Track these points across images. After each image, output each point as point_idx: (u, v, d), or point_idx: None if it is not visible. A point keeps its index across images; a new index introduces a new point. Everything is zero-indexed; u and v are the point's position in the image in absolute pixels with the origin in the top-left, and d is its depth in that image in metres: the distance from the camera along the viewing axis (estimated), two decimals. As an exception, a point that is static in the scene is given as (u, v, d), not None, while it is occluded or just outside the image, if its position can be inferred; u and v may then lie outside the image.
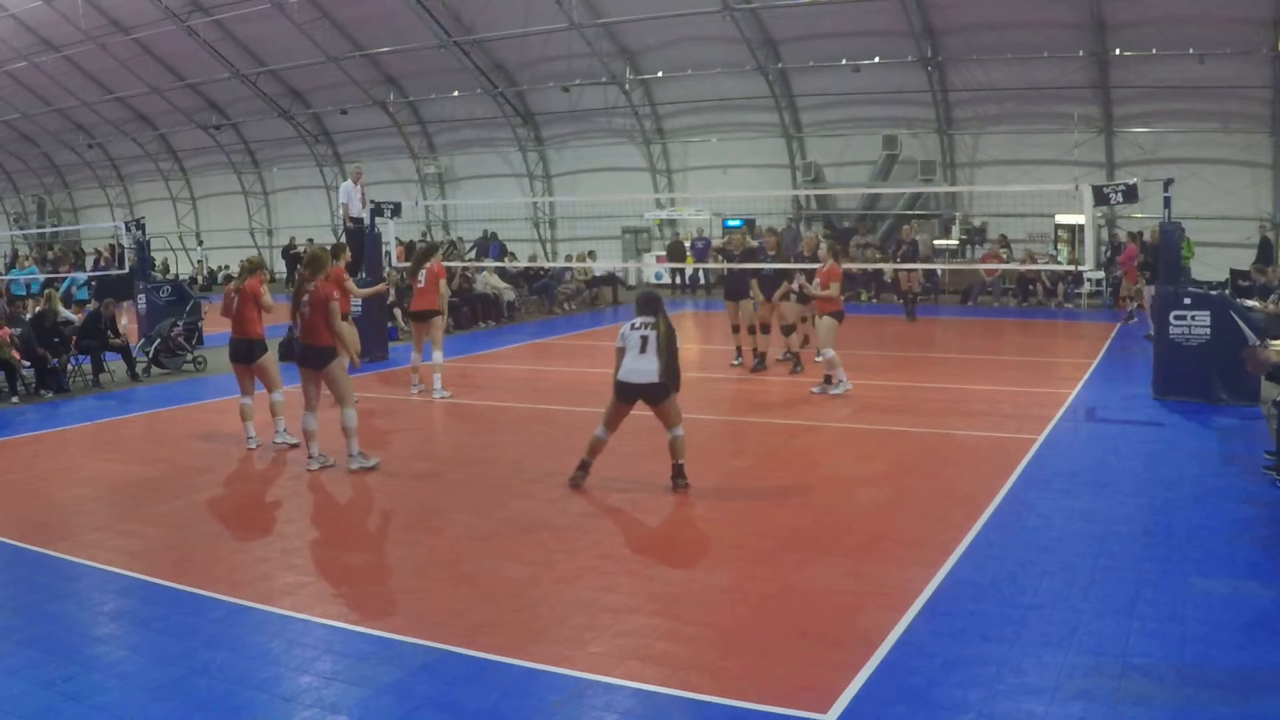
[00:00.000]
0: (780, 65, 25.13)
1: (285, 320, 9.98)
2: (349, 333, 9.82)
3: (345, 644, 5.15)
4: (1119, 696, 4.42)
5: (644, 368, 7.58)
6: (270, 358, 9.68)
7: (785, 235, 24.15)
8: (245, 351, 9.53)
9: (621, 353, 7.69)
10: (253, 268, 9.77)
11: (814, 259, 13.96)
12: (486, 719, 4.38)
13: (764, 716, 4.31)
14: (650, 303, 7.82)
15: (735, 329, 14.15)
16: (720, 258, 14.49)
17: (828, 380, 11.79)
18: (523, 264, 23.97)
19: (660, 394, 7.60)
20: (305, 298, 8.57)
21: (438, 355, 12.30)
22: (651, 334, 7.61)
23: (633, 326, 7.73)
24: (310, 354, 8.62)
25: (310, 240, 31.33)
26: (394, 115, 30.43)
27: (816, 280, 11.93)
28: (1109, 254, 21.63)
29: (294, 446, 9.52)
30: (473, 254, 27.52)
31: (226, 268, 33.71)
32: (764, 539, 6.66)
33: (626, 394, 7.65)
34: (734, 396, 12.37)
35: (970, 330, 19.08)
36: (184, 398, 12.58)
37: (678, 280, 27.16)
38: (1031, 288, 22.37)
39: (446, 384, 12.26)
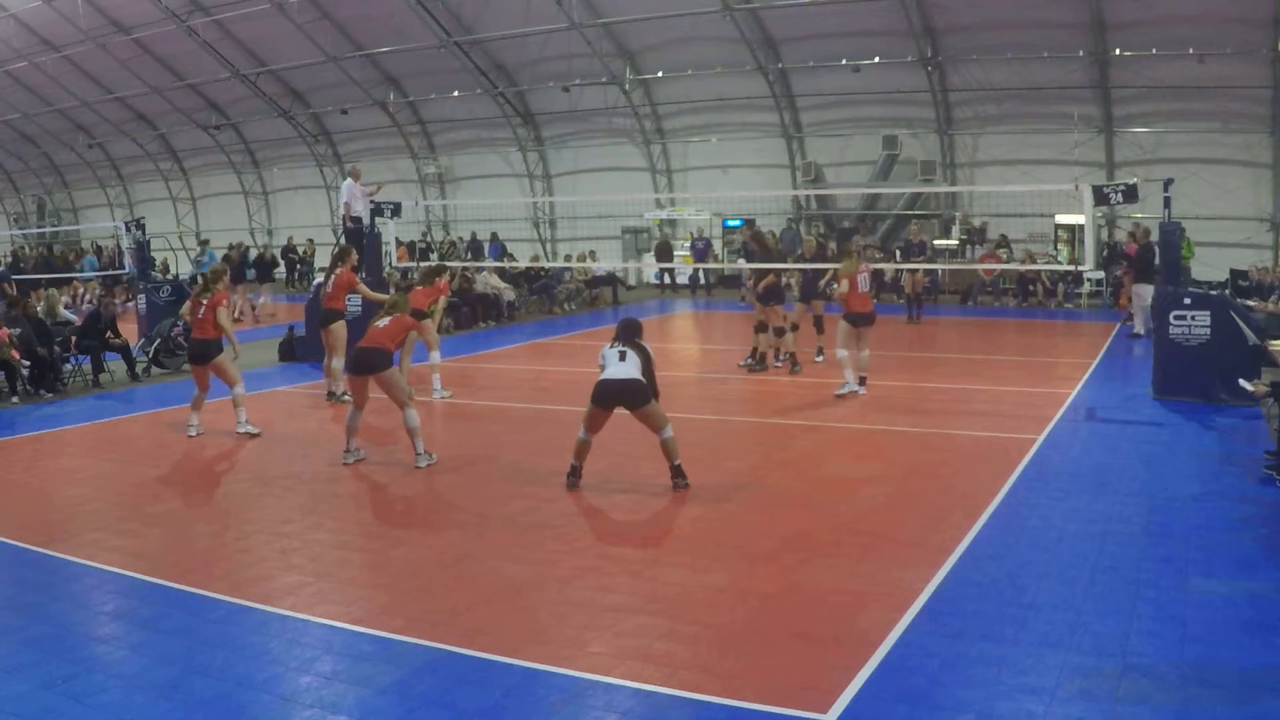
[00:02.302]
0: (780, 65, 25.14)
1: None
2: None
3: (345, 644, 5.15)
4: (1119, 696, 4.42)
5: (623, 371, 7.69)
6: (225, 357, 10.17)
7: (785, 236, 24.23)
8: (203, 352, 10.12)
9: (602, 370, 7.85)
10: (216, 277, 10.43)
11: (815, 260, 13.94)
12: (486, 719, 4.38)
13: (764, 716, 4.31)
14: (630, 329, 8.02)
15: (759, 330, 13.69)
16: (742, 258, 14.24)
17: (861, 381, 11.79)
18: (523, 264, 23.96)
19: (639, 395, 7.63)
20: (387, 320, 8.98)
21: (435, 356, 12.31)
22: (630, 350, 7.79)
23: (611, 346, 7.91)
24: (369, 357, 8.73)
25: (310, 240, 31.39)
26: (394, 115, 30.43)
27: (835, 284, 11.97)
28: (1107, 254, 21.62)
29: (255, 436, 10.08)
30: (468, 256, 27.54)
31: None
32: (764, 539, 6.66)
33: (605, 396, 7.69)
34: (734, 396, 12.37)
35: (970, 330, 19.08)
36: (184, 398, 12.48)
37: (666, 280, 27.14)
38: (1031, 288, 22.36)
39: (447, 384, 12.26)
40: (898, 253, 22.77)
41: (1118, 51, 21.50)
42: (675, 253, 26.41)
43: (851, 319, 11.50)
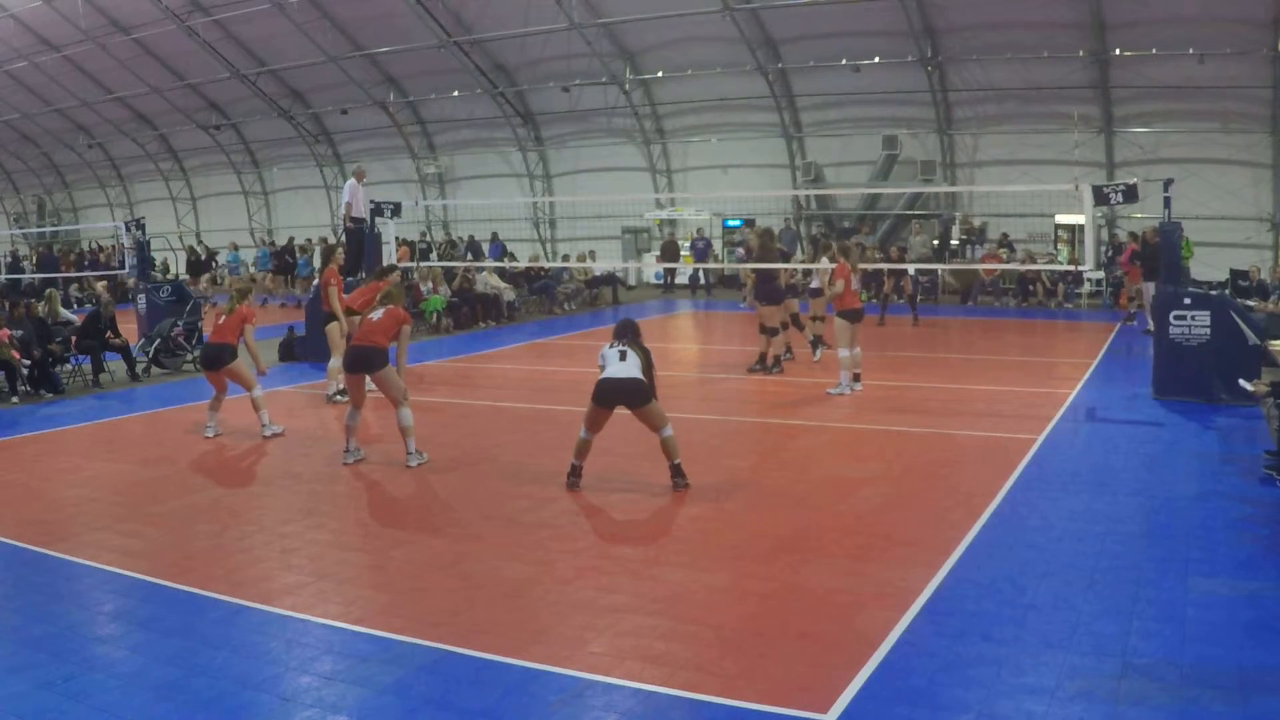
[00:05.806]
0: (780, 65, 25.14)
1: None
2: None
3: (345, 644, 5.15)
4: (1119, 696, 4.42)
5: (624, 370, 7.70)
6: (239, 363, 10.15)
7: (784, 236, 24.21)
8: (216, 356, 10.07)
9: (602, 370, 7.86)
10: (243, 295, 10.48)
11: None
12: (486, 719, 4.38)
13: (764, 716, 4.31)
14: (627, 329, 8.04)
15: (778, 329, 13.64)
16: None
17: (856, 378, 11.82)
18: (523, 264, 23.95)
19: (640, 395, 7.65)
20: (381, 312, 8.97)
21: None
22: (629, 349, 7.82)
23: (610, 346, 7.93)
24: (365, 356, 8.77)
25: (306, 240, 31.36)
26: (394, 115, 30.44)
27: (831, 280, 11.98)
28: (1109, 254, 21.62)
29: (279, 435, 10.10)
30: (467, 256, 27.55)
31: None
32: (764, 539, 6.66)
33: (607, 395, 7.70)
34: (734, 396, 12.36)
35: (970, 330, 19.08)
36: (184, 398, 12.57)
37: (669, 280, 27.12)
38: (1031, 288, 22.36)
39: (446, 384, 12.27)
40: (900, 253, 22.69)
41: (1118, 51, 21.50)
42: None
43: (844, 314, 11.61)
